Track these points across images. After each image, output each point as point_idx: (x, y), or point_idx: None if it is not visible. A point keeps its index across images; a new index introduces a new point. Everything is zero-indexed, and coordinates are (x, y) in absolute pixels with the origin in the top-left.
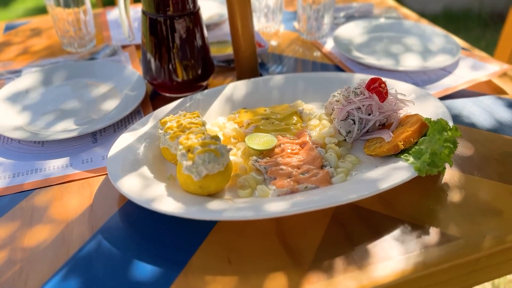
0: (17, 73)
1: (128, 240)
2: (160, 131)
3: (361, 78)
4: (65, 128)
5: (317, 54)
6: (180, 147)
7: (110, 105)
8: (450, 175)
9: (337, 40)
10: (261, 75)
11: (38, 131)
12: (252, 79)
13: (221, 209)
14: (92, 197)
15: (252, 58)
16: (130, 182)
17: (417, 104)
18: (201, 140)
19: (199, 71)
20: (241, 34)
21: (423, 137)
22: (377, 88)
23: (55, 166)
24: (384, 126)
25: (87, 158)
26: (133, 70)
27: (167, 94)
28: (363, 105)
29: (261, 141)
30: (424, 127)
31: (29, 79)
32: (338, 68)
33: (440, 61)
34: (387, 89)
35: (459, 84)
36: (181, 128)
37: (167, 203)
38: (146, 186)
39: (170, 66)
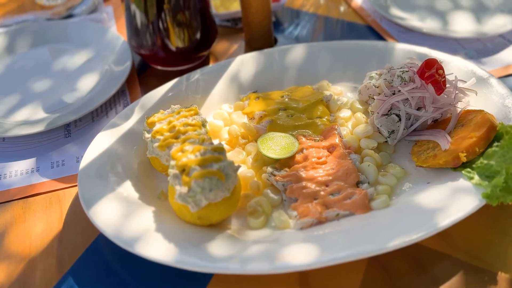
0: None
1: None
2: (147, 135)
3: (407, 50)
4: (30, 117)
5: (344, 9)
6: (172, 163)
7: (88, 82)
8: None
9: None
10: (275, 40)
11: None
12: (265, 51)
13: (225, 257)
14: (63, 219)
15: (265, 18)
16: (108, 208)
17: (477, 90)
18: (200, 156)
19: (198, 36)
20: None
21: (492, 147)
22: (433, 76)
23: (17, 172)
24: (436, 122)
25: (58, 160)
26: (117, 35)
27: (160, 67)
28: (412, 97)
29: (278, 145)
30: (493, 131)
31: None
32: (371, 30)
33: (499, 24)
34: (445, 76)
35: None
36: (174, 133)
37: (154, 244)
38: (129, 214)
39: (162, 30)
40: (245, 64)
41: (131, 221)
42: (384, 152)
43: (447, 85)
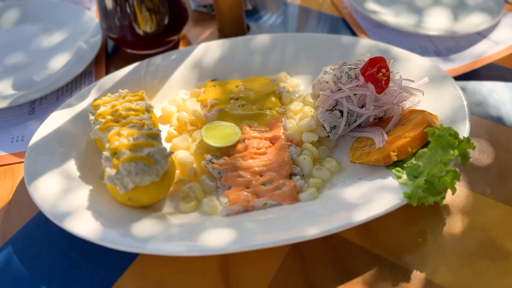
0: None
1: (40, 259)
2: (91, 117)
3: (369, 46)
4: (0, 92)
5: (323, 1)
6: (107, 145)
7: (58, 62)
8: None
9: None
10: (248, 27)
11: None
12: (229, 40)
13: (147, 237)
14: (13, 191)
15: (235, 6)
16: (48, 184)
17: (430, 89)
18: (132, 141)
19: (166, 21)
20: None
21: (424, 148)
22: (374, 75)
23: None
24: (381, 119)
25: (18, 135)
26: (92, 16)
27: (130, 51)
28: (355, 95)
29: (220, 134)
30: (424, 132)
31: None
32: (345, 24)
33: (474, 23)
34: (389, 75)
35: (493, 54)
36: (115, 117)
37: (83, 222)
38: (67, 191)
39: (129, 14)
40: (208, 51)
41: (67, 197)
42: (325, 146)
43: (392, 84)
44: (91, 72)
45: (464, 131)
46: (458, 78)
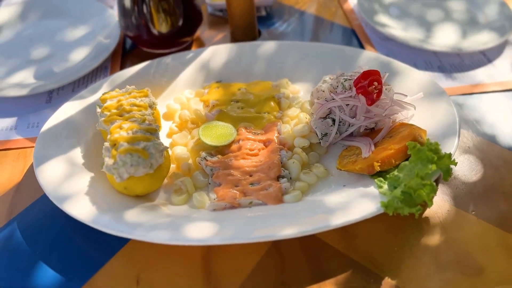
0: None
1: (41, 236)
2: (98, 109)
3: (371, 58)
4: (22, 81)
5: (336, 10)
6: (108, 137)
7: (78, 55)
8: (435, 207)
9: None
10: (259, 32)
11: None
12: (237, 44)
13: (135, 223)
14: (23, 173)
15: (247, 12)
16: (54, 169)
17: (425, 104)
18: (131, 134)
19: (180, 23)
20: None
21: (407, 161)
22: (365, 88)
23: (0, 127)
24: (372, 130)
25: (34, 121)
26: (113, 14)
27: (145, 49)
28: (347, 105)
29: (217, 133)
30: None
31: (5, 12)
32: (354, 35)
33: (481, 41)
34: (381, 88)
35: (491, 83)
36: (120, 111)
37: (80, 205)
38: (70, 176)
39: (145, 13)
40: (216, 54)
41: (69, 182)
42: (315, 152)
43: (384, 97)
44: (107, 67)
45: (451, 147)
46: (459, 94)
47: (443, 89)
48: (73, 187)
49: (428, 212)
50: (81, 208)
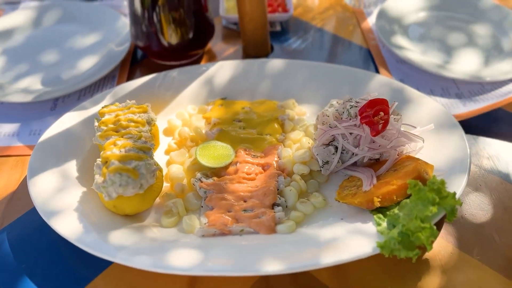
0: (15, 4)
1: (29, 249)
2: (96, 123)
3: (383, 83)
4: (28, 87)
5: (354, 29)
6: (101, 153)
7: (86, 63)
8: (437, 247)
9: (382, 15)
10: (272, 48)
11: (3, 85)
12: (244, 61)
13: (118, 246)
14: (19, 181)
15: (259, 27)
16: (47, 181)
17: (436, 136)
18: (124, 152)
19: (190, 35)
20: None
21: (409, 198)
22: (370, 118)
23: (2, 133)
24: (377, 161)
25: (36, 128)
26: (126, 22)
27: (155, 60)
28: (351, 134)
29: (215, 154)
30: None
31: (21, 16)
32: (369, 55)
33: (503, 70)
34: (387, 119)
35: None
36: (116, 126)
37: (67, 222)
38: (61, 190)
39: (156, 24)
40: (223, 70)
41: (60, 196)
42: (315, 180)
43: (390, 128)
44: (114, 76)
45: (459, 185)
46: (474, 127)
47: (456, 121)
48: (63, 202)
49: (430, 253)
50: (68, 225)
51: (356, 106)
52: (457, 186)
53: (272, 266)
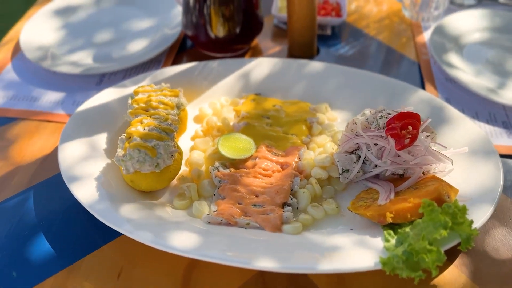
0: None
1: (49, 209)
2: (129, 100)
3: (421, 97)
4: (78, 60)
5: (407, 41)
6: (127, 129)
7: (137, 45)
8: (450, 276)
9: (439, 30)
10: (318, 51)
11: (57, 55)
12: (284, 60)
13: (126, 218)
14: (54, 146)
15: (306, 28)
16: (75, 147)
17: (470, 160)
18: (147, 131)
19: (237, 30)
20: None
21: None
22: (396, 130)
23: (50, 100)
24: (402, 177)
25: (79, 100)
26: (179, 11)
27: (202, 50)
28: (375, 145)
29: (236, 146)
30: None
31: None
32: (418, 70)
33: None
34: (415, 134)
35: None
36: (147, 106)
37: (86, 188)
38: (87, 159)
39: (205, 16)
40: (261, 66)
41: (84, 164)
42: (332, 186)
43: (419, 144)
44: (160, 61)
45: (482, 215)
46: None
47: (495, 149)
48: (86, 170)
49: (439, 280)
50: (85, 192)
51: (386, 117)
52: (479, 215)
53: (266, 263)
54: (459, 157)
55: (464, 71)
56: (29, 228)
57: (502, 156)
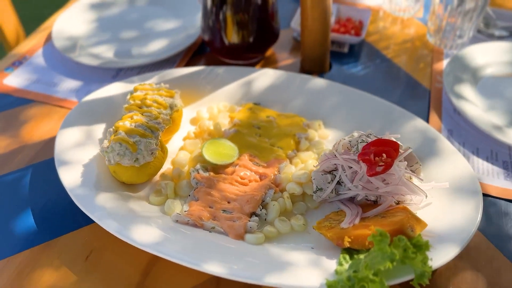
0: None
1: (40, 187)
2: (128, 96)
3: (417, 126)
4: (99, 53)
5: (425, 67)
6: (116, 122)
7: (157, 45)
8: None
9: (457, 59)
10: (330, 67)
11: (83, 47)
12: (288, 73)
13: (99, 206)
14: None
15: (318, 44)
16: (72, 134)
17: (450, 196)
18: (133, 126)
19: (251, 38)
20: (309, 6)
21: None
22: (368, 155)
23: (67, 87)
24: (375, 203)
25: (93, 90)
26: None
27: (216, 56)
28: (350, 168)
29: (219, 151)
30: (395, 234)
31: None
32: (427, 98)
33: None
34: (390, 162)
35: None
36: (142, 103)
37: (72, 173)
38: (81, 145)
39: (221, 22)
40: (265, 77)
41: (77, 150)
42: (304, 203)
43: (393, 173)
44: (175, 62)
45: (447, 254)
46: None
47: (480, 189)
48: (77, 156)
49: None
50: (71, 176)
51: (366, 142)
52: (443, 254)
53: (213, 267)
54: (441, 191)
55: (474, 104)
56: (18, 202)
57: (493, 197)
